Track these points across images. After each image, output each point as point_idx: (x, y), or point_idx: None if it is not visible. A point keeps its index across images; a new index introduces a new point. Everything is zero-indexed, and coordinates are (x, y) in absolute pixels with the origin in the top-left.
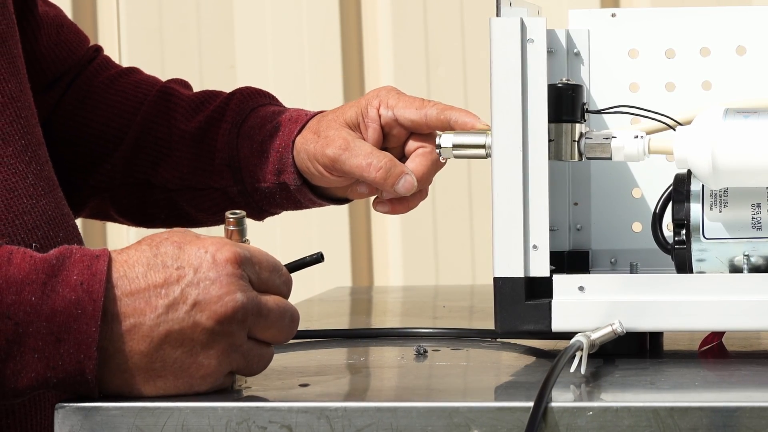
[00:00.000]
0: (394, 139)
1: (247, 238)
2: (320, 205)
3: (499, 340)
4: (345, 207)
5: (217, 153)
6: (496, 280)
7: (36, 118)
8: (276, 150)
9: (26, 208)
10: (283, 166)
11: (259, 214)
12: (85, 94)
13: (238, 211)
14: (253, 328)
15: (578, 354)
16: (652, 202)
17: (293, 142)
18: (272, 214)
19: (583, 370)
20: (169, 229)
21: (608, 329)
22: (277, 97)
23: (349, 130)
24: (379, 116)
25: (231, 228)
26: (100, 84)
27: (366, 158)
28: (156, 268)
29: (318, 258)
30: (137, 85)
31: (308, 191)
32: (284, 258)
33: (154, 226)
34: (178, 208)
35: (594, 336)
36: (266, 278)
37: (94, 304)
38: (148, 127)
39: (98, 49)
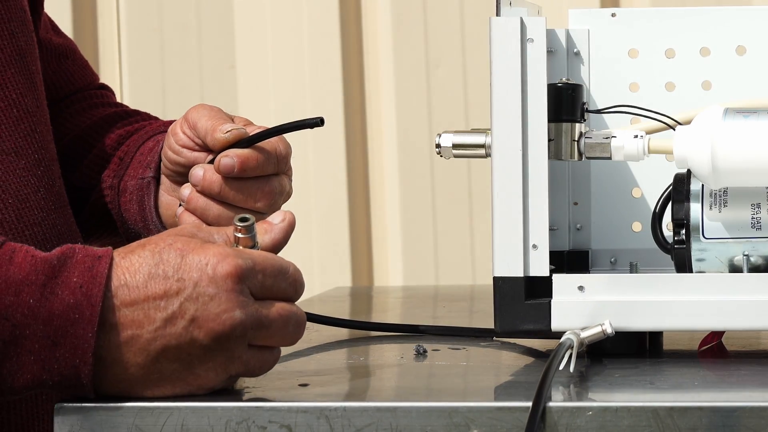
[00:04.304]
0: None
1: (257, 242)
2: (156, 228)
3: (497, 339)
4: (345, 207)
5: (122, 149)
6: (495, 279)
7: (51, 134)
8: (156, 141)
9: (37, 220)
10: (151, 158)
11: (126, 235)
12: (56, 113)
13: (247, 217)
14: (253, 340)
15: (569, 352)
16: (652, 202)
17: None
18: (138, 238)
19: (571, 368)
20: (174, 232)
21: (598, 329)
22: (276, 97)
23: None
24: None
25: (239, 235)
26: (75, 110)
27: (218, 115)
28: (157, 278)
29: (317, 122)
30: (95, 114)
31: (152, 195)
32: (285, 257)
33: None
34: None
35: (583, 335)
36: (270, 285)
37: (92, 308)
38: (86, 133)
39: (104, 86)
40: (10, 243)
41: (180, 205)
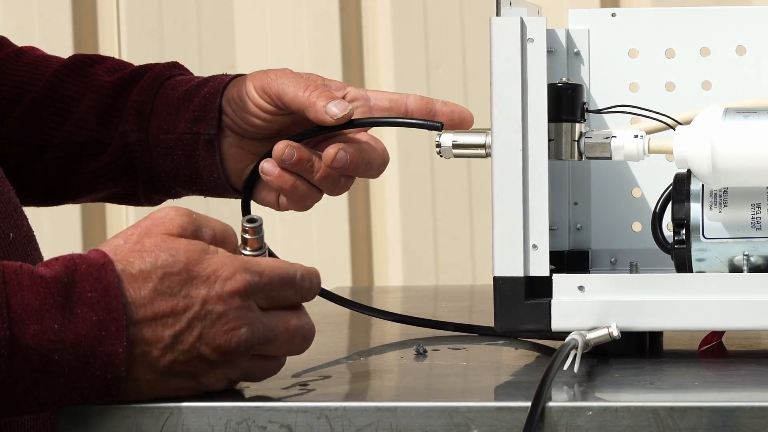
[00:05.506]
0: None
1: (264, 243)
2: (214, 183)
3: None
4: (345, 207)
5: (131, 98)
6: (495, 279)
7: None
8: (202, 97)
9: None
10: (203, 113)
11: (148, 189)
12: None
13: (255, 218)
14: (259, 352)
15: (572, 352)
16: (652, 202)
17: (225, 86)
18: (162, 194)
19: (576, 369)
20: (164, 229)
21: (604, 331)
22: None
23: None
24: (345, 92)
25: (248, 236)
26: (3, 58)
27: (305, 81)
28: (163, 295)
29: (437, 126)
30: (46, 57)
31: (216, 150)
32: (285, 258)
33: (39, 202)
34: (67, 173)
35: (589, 336)
36: (276, 296)
37: (117, 323)
38: (57, 84)
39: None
40: (6, 264)
41: (256, 168)
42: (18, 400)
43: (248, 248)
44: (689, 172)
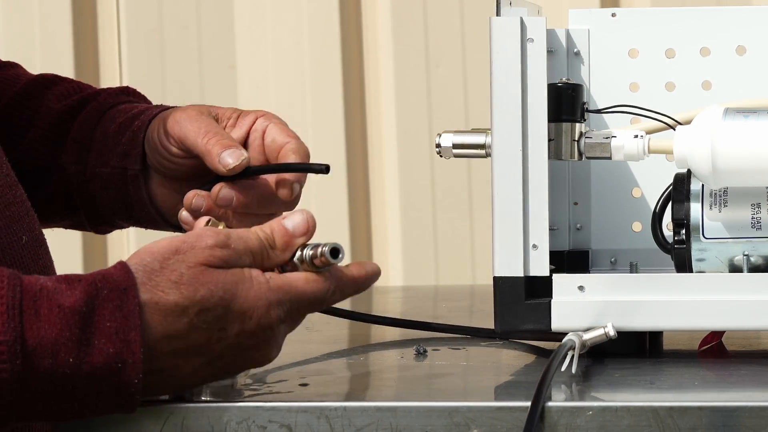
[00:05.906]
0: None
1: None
2: (147, 218)
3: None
4: (345, 207)
5: (74, 129)
6: (495, 279)
7: None
8: (132, 130)
9: (9, 199)
10: (130, 148)
11: (92, 220)
12: None
13: (340, 250)
14: None
15: (570, 353)
16: (652, 202)
17: (150, 120)
18: (106, 225)
19: (573, 370)
20: (214, 275)
21: (600, 331)
22: (276, 97)
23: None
24: (254, 123)
25: (318, 265)
26: None
27: (206, 125)
28: (199, 330)
29: (323, 169)
30: (14, 76)
31: (143, 186)
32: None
33: None
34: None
35: (586, 336)
36: (303, 313)
37: (134, 356)
38: (13, 107)
39: None
40: (24, 283)
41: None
42: (28, 416)
43: (312, 266)
44: (689, 172)
